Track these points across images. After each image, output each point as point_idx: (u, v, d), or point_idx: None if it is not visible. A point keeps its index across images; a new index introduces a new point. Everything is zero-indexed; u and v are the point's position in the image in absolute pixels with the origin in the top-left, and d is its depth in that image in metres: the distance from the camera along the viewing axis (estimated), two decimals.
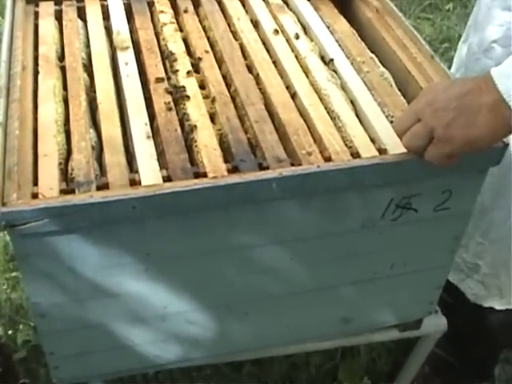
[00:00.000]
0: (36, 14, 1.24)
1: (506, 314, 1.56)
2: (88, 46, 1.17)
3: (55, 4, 1.26)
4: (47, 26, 1.20)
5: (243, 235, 0.98)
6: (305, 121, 1.03)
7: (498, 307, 1.51)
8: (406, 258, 1.12)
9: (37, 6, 1.26)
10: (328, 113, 1.05)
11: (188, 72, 1.10)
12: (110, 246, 0.94)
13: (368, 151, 0.98)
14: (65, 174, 0.95)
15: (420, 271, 1.16)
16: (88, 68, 1.13)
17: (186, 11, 1.26)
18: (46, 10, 1.24)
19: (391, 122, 1.05)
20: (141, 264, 0.97)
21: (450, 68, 1.46)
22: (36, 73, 1.10)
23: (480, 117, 0.86)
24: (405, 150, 0.97)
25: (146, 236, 0.94)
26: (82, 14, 1.25)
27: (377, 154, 0.98)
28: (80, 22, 1.23)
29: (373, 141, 1.01)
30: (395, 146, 0.99)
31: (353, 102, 1.08)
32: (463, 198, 1.05)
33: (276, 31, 1.22)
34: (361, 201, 1.00)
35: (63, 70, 1.12)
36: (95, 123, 1.03)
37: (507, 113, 0.84)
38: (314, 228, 1.01)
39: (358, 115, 1.06)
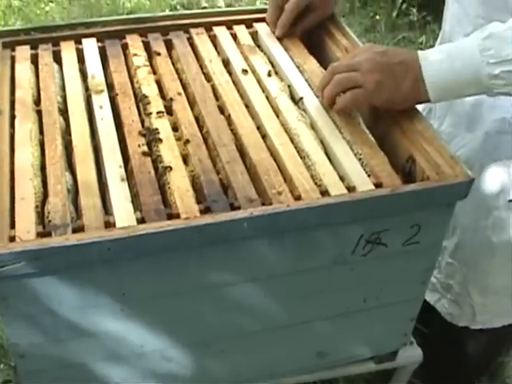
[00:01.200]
0: (12, 58, 1.26)
1: (481, 338, 1.59)
2: (64, 89, 1.20)
3: (31, 48, 1.29)
4: (23, 70, 1.23)
5: (216, 274, 1.01)
6: (275, 161, 1.06)
7: (472, 326, 1.54)
8: (379, 291, 1.15)
9: (13, 50, 1.28)
10: (298, 152, 1.08)
11: (160, 114, 1.13)
12: (87, 287, 0.96)
13: (337, 189, 1.01)
14: (41, 216, 0.97)
15: (393, 304, 1.18)
16: (64, 111, 1.15)
17: (158, 54, 1.29)
18: (22, 54, 1.27)
19: (359, 159, 1.08)
20: (117, 304, 0.98)
21: None
22: (13, 117, 1.12)
23: (405, 83, 1.09)
24: (373, 187, 1.00)
25: (121, 276, 0.96)
26: (57, 58, 1.28)
27: (346, 191, 1.01)
28: (56, 66, 1.26)
29: (342, 179, 1.04)
30: (364, 184, 1.02)
31: (322, 141, 1.11)
32: (432, 231, 1.08)
33: (247, 72, 1.25)
34: (331, 238, 1.02)
35: (39, 113, 1.14)
36: (71, 166, 1.06)
37: (423, 88, 1.08)
38: (286, 265, 1.03)
39: (328, 154, 1.09)
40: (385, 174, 1.05)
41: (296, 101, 1.19)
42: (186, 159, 1.06)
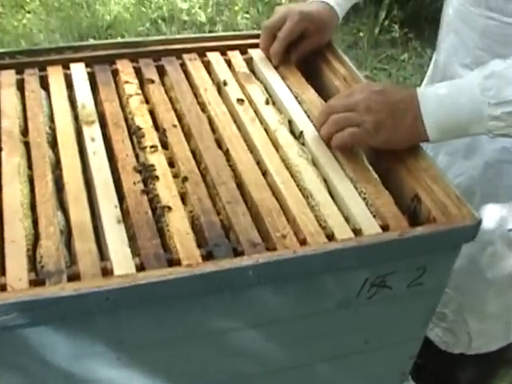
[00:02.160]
0: None
1: (476, 363, 1.57)
2: (52, 119, 1.14)
3: (16, 73, 1.23)
4: (9, 97, 1.17)
5: (218, 321, 0.96)
6: (278, 200, 1.02)
7: (468, 352, 1.53)
8: (381, 333, 1.11)
9: None
10: (300, 190, 1.04)
11: (155, 148, 1.08)
12: (82, 336, 0.90)
13: (343, 232, 0.97)
14: (33, 261, 0.91)
15: (394, 344, 1.15)
16: (53, 144, 1.10)
17: (152, 81, 1.24)
18: (7, 79, 1.21)
19: (364, 198, 1.04)
20: (113, 352, 0.93)
21: None
22: None
23: (404, 123, 1.06)
24: (379, 230, 0.97)
25: (119, 324, 0.91)
26: (44, 84, 1.22)
27: (352, 234, 0.97)
28: (43, 93, 1.20)
29: (347, 220, 1.00)
30: (370, 226, 0.99)
31: (325, 179, 1.07)
32: (437, 273, 1.05)
33: (243, 101, 1.20)
34: (336, 282, 0.98)
35: (27, 145, 1.09)
36: (62, 204, 1.00)
37: (422, 127, 1.05)
38: (288, 310, 0.99)
39: (331, 192, 1.05)
40: (391, 215, 1.01)
41: (296, 135, 1.15)
42: (184, 198, 1.01)
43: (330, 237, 0.97)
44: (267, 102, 1.21)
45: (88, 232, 0.94)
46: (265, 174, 1.07)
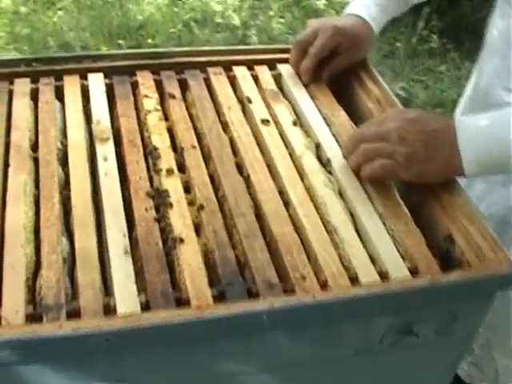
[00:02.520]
0: (10, 93, 1.14)
1: None
2: (65, 132, 1.08)
3: (31, 81, 1.17)
4: (21, 108, 1.11)
5: (227, 364, 0.89)
6: (299, 235, 0.94)
7: None
8: (403, 380, 1.03)
9: (11, 82, 1.16)
10: (324, 224, 0.96)
11: (171, 172, 1.01)
12: (80, 375, 0.84)
13: (368, 274, 0.90)
14: (32, 291, 0.85)
15: None
16: (64, 161, 1.03)
17: (172, 96, 1.16)
18: (21, 88, 1.15)
19: (393, 236, 0.96)
20: None
21: None
22: (6, 164, 1.00)
23: (439, 156, 0.98)
24: (408, 274, 0.89)
25: (120, 365, 0.84)
26: (60, 94, 1.16)
27: (377, 278, 0.89)
28: (57, 104, 1.14)
29: (373, 260, 0.92)
30: (397, 269, 0.91)
31: (352, 213, 0.99)
32: (468, 321, 0.97)
33: (268, 122, 1.13)
34: (358, 328, 0.91)
35: (36, 161, 1.02)
36: (69, 228, 0.94)
37: (458, 161, 0.97)
38: (305, 355, 0.92)
39: (357, 228, 0.97)
40: (420, 257, 0.93)
41: (323, 162, 1.07)
42: (198, 229, 0.94)
43: (354, 279, 0.89)
44: (294, 124, 1.14)
45: (92, 262, 0.88)
46: (287, 204, 0.99)
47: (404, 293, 0.87)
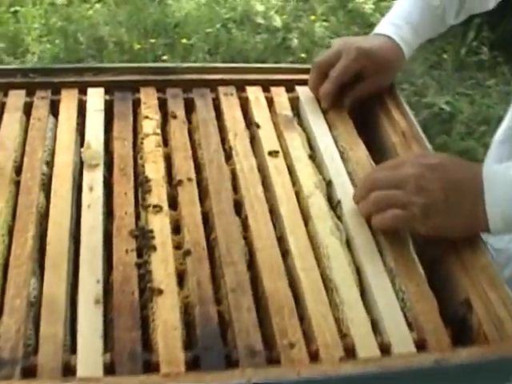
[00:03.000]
0: (2, 106, 1.06)
1: None
2: (54, 155, 0.99)
3: (27, 94, 1.08)
4: (11, 124, 1.03)
5: None
6: (293, 292, 0.84)
7: None
8: None
9: (5, 94, 1.08)
10: (324, 281, 0.85)
11: (160, 209, 0.91)
12: None
13: (366, 346, 0.79)
14: None
15: None
16: (47, 188, 0.94)
17: (175, 117, 1.07)
18: (15, 101, 1.07)
19: (402, 300, 0.85)
20: None
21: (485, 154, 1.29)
22: None
23: (461, 210, 0.86)
24: (413, 349, 0.78)
25: None
26: (55, 109, 1.07)
27: (377, 351, 0.78)
28: (51, 121, 1.05)
29: (375, 328, 0.81)
30: (402, 340, 0.80)
31: (358, 268, 0.88)
32: None
33: (277, 154, 1.02)
34: None
35: (18, 186, 0.94)
36: (42, 267, 0.85)
37: (483, 216, 0.86)
38: None
39: (362, 287, 0.86)
40: (431, 328, 0.82)
41: (333, 204, 0.96)
42: (181, 278, 0.85)
43: (350, 350, 0.78)
44: (306, 157, 1.03)
45: (59, 310, 0.79)
46: (285, 254, 0.89)
47: (405, 373, 0.76)
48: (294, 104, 1.14)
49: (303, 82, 1.16)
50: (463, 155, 1.86)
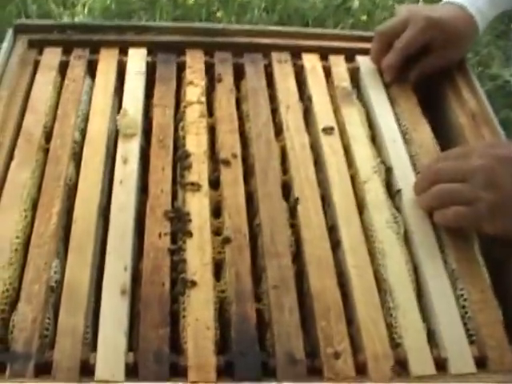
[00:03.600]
0: (36, 64, 0.98)
1: None
2: (87, 120, 0.91)
3: (64, 52, 1.00)
4: (44, 85, 0.95)
5: None
6: (342, 292, 0.74)
7: None
8: None
9: (40, 52, 0.99)
10: (377, 281, 0.76)
11: (200, 188, 0.82)
12: None
13: (420, 361, 0.70)
14: (6, 327, 0.70)
15: None
16: (78, 158, 0.86)
17: (221, 84, 0.97)
18: (50, 60, 0.99)
19: (463, 307, 0.75)
20: None
21: None
22: (10, 156, 0.85)
23: None
24: (472, 367, 0.69)
25: None
26: (93, 70, 0.98)
27: (432, 368, 0.69)
28: (87, 83, 0.97)
29: (430, 338, 0.72)
30: (460, 355, 0.71)
31: (415, 267, 0.78)
32: None
33: (332, 130, 0.92)
34: None
35: (47, 155, 0.86)
36: (67, 247, 0.77)
37: None
38: None
39: (418, 290, 0.76)
40: (493, 344, 0.72)
41: (392, 192, 0.86)
42: (218, 269, 0.76)
43: (402, 364, 0.69)
44: (365, 137, 0.92)
45: (80, 300, 0.71)
46: (335, 247, 0.79)
47: None
48: (354, 75, 1.03)
49: (365, 52, 1.05)
50: None
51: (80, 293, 0.72)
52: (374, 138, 0.94)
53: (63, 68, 0.98)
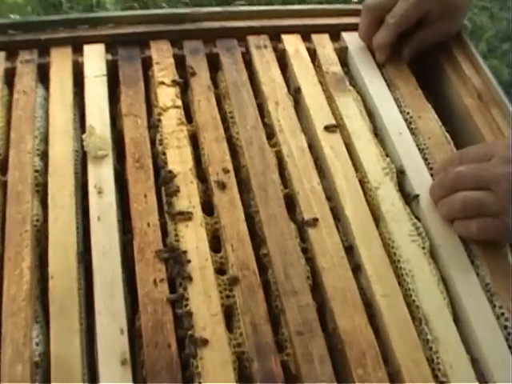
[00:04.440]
0: None
1: None
2: (47, 142, 0.77)
3: (7, 56, 0.85)
4: None
5: None
6: (374, 330, 0.64)
7: None
8: None
9: None
10: (410, 309, 0.66)
11: (192, 217, 0.70)
12: None
13: None
14: None
15: None
16: (42, 190, 0.73)
17: (196, 80, 0.84)
18: None
19: (505, 327, 0.66)
20: None
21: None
22: None
23: None
24: None
25: None
26: (45, 75, 0.84)
27: None
28: (40, 93, 0.82)
29: (476, 370, 0.63)
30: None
31: (447, 286, 0.69)
32: None
33: (332, 129, 0.81)
34: None
35: (5, 190, 0.72)
36: (45, 305, 0.65)
37: None
38: None
39: (454, 313, 0.67)
40: None
41: (409, 199, 0.76)
42: (229, 318, 0.65)
43: None
44: (368, 131, 0.81)
45: (73, 377, 0.59)
46: (356, 271, 0.69)
47: None
48: (342, 56, 0.91)
49: (351, 27, 0.93)
50: None
51: (71, 368, 0.60)
52: (377, 132, 0.83)
53: (9, 77, 0.83)
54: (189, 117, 0.82)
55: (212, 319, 0.63)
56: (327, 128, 0.80)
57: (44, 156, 0.76)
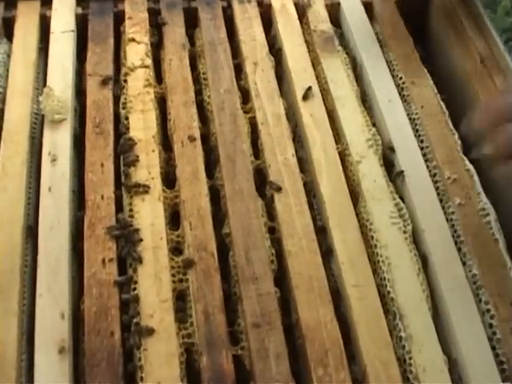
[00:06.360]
0: None
1: None
2: (4, 102, 0.71)
3: None
4: None
5: None
6: (341, 323, 0.59)
7: None
8: None
9: None
10: (383, 301, 0.60)
11: (150, 190, 0.64)
12: None
13: None
14: None
15: None
16: None
17: (170, 38, 0.77)
18: None
19: (490, 326, 0.60)
20: None
21: None
22: None
23: None
24: None
25: None
26: (9, 30, 0.78)
27: None
28: (3, 49, 0.76)
29: (452, 372, 0.57)
30: None
31: (429, 277, 0.63)
32: None
33: (313, 94, 0.73)
34: None
35: None
36: None
37: None
38: None
39: (436, 307, 0.61)
40: None
41: (392, 174, 0.69)
42: (180, 305, 0.59)
43: None
44: (354, 98, 0.74)
45: (7, 365, 0.55)
46: (327, 256, 0.63)
47: None
48: (334, 14, 0.84)
49: None
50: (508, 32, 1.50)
51: (6, 355, 0.55)
52: (364, 98, 0.76)
53: None
54: (159, 79, 0.75)
55: (161, 306, 0.58)
56: (304, 96, 0.73)
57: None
